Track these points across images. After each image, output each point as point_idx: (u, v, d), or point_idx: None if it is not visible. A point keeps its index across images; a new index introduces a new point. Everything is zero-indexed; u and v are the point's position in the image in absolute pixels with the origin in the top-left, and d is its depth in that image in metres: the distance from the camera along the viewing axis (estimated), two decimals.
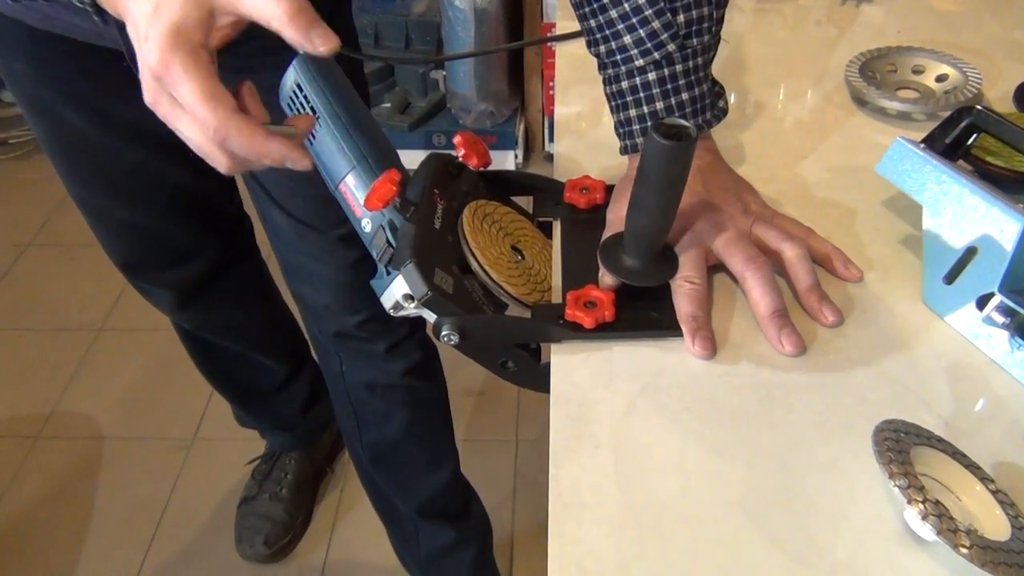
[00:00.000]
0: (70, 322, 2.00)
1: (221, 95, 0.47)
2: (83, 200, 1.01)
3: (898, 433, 0.48)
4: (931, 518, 0.43)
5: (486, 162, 0.68)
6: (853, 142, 0.80)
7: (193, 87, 0.46)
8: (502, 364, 0.62)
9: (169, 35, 0.45)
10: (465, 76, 2.21)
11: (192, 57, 0.46)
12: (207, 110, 0.46)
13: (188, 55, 0.46)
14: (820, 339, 0.59)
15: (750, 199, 0.67)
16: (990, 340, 0.58)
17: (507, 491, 1.61)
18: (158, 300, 1.18)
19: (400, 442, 1.21)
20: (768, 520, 0.49)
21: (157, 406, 1.80)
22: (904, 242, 0.68)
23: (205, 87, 0.46)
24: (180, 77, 0.46)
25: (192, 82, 0.46)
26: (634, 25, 0.63)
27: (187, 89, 0.46)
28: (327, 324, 1.10)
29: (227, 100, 0.47)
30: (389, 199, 0.58)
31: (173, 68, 0.46)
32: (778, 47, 0.97)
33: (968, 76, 0.83)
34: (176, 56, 0.46)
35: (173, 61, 0.46)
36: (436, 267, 0.58)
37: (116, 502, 1.62)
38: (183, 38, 0.46)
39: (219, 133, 0.47)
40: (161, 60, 0.46)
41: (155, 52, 0.46)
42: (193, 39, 0.46)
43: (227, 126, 0.47)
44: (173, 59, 0.46)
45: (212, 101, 0.46)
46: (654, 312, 0.61)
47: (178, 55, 0.46)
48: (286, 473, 1.57)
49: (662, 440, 0.53)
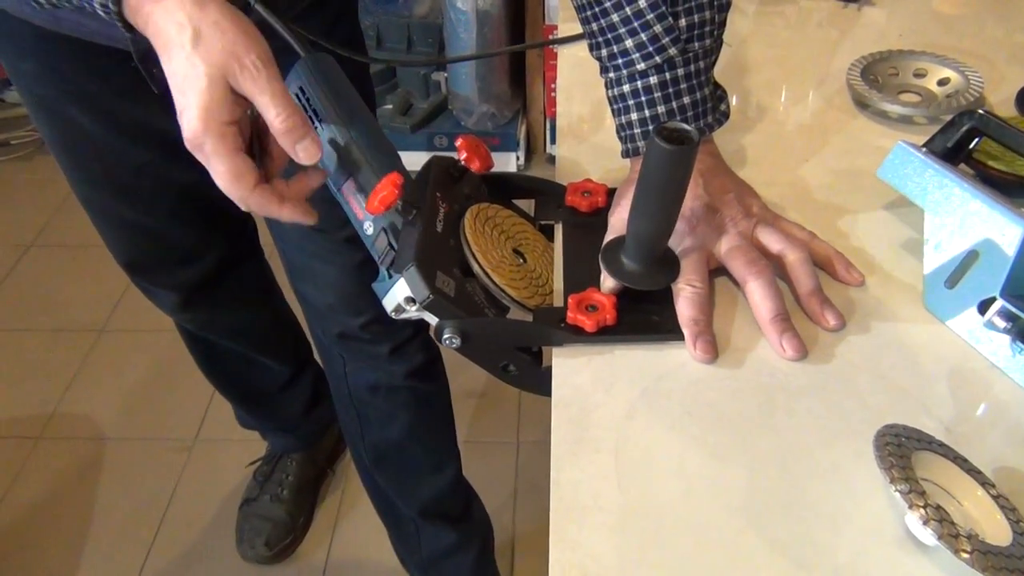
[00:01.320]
0: (72, 323, 2.00)
1: (244, 175, 0.55)
2: (89, 200, 1.01)
3: (899, 438, 0.48)
4: (932, 523, 0.43)
5: (488, 165, 0.68)
6: (855, 145, 0.80)
7: (221, 168, 0.54)
8: (504, 367, 0.62)
9: (202, 114, 0.52)
10: (467, 78, 2.21)
11: (221, 140, 0.53)
12: (233, 187, 0.55)
13: (218, 138, 0.53)
14: (821, 343, 0.59)
15: (752, 202, 0.67)
16: (991, 344, 0.58)
17: (508, 493, 1.61)
18: (161, 300, 1.18)
19: (402, 443, 1.22)
20: (769, 524, 0.49)
21: (159, 407, 1.80)
22: (905, 246, 0.68)
23: (231, 167, 0.54)
24: (211, 155, 0.53)
25: (220, 163, 0.54)
26: (636, 29, 0.63)
27: (216, 167, 0.54)
28: (331, 325, 1.10)
29: (250, 177, 0.55)
30: (391, 202, 0.58)
31: (205, 147, 0.53)
32: (780, 50, 0.97)
33: (970, 80, 0.83)
34: (208, 138, 0.52)
35: (205, 141, 0.53)
36: (438, 270, 0.58)
37: (117, 503, 1.62)
38: (213, 121, 0.52)
39: (243, 203, 0.56)
40: (195, 137, 0.53)
41: (190, 129, 0.52)
42: (221, 119, 0.52)
43: (248, 200, 0.56)
44: (205, 139, 0.52)
45: (238, 180, 0.54)
46: (655, 316, 0.61)
47: (209, 137, 0.52)
48: (287, 474, 1.57)
49: (663, 444, 0.53)
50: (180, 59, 0.52)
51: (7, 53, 0.85)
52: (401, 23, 2.27)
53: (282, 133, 0.54)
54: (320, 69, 0.67)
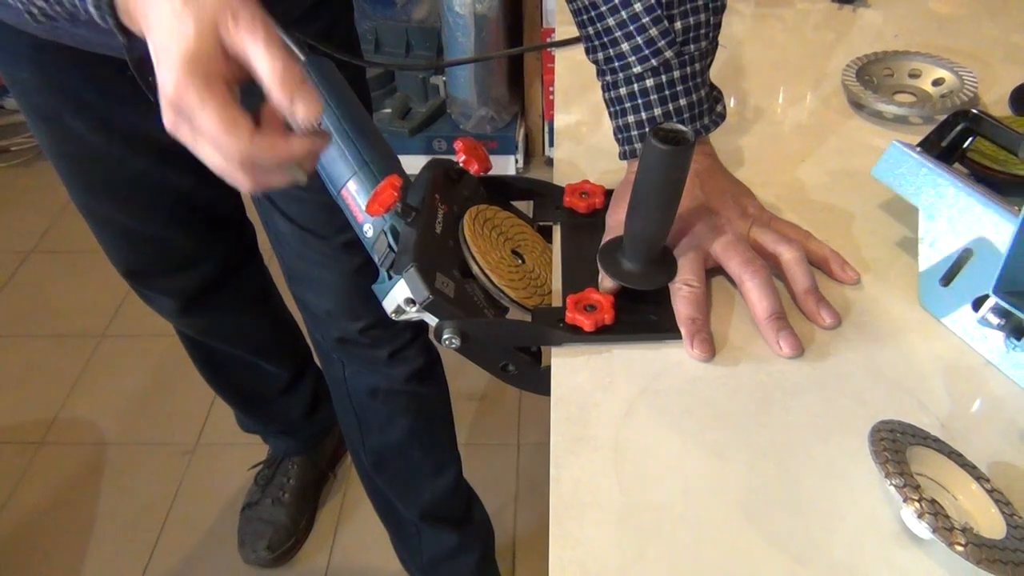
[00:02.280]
0: (73, 328, 2.00)
1: (240, 121, 0.47)
2: (87, 207, 1.02)
3: (894, 433, 0.49)
4: (927, 516, 0.44)
5: (487, 167, 0.69)
6: (850, 146, 0.80)
7: (211, 115, 0.46)
8: (503, 367, 0.62)
9: (184, 63, 0.46)
10: (465, 81, 2.22)
11: (207, 86, 0.46)
12: (229, 138, 0.47)
13: (203, 84, 0.46)
14: (818, 341, 0.60)
15: (748, 202, 0.67)
16: (986, 341, 0.58)
17: (509, 495, 1.61)
18: (161, 306, 1.19)
19: (403, 447, 1.22)
20: (767, 520, 0.49)
21: (160, 412, 1.80)
22: (901, 244, 0.68)
23: (223, 115, 0.46)
24: (197, 106, 0.46)
25: (209, 111, 0.46)
26: (631, 32, 0.64)
27: (205, 118, 0.46)
28: (330, 330, 1.10)
29: (246, 124, 0.47)
30: (391, 204, 0.59)
31: (189, 96, 0.46)
32: (776, 52, 0.98)
33: (964, 80, 0.84)
34: (192, 84, 0.46)
35: (188, 90, 0.46)
36: (437, 271, 0.58)
37: (119, 507, 1.62)
38: (198, 67, 0.46)
39: (247, 158, 0.48)
40: (176, 88, 0.46)
41: (171, 80, 0.46)
42: (209, 69, 0.46)
43: (252, 151, 0.48)
44: (188, 88, 0.46)
45: (233, 129, 0.47)
46: (653, 315, 0.61)
47: (193, 83, 0.46)
48: (289, 478, 1.57)
49: (662, 442, 0.54)
50: (166, 16, 0.46)
51: (4, 62, 0.86)
52: (399, 27, 2.28)
53: (279, 85, 0.47)
54: (320, 72, 0.68)
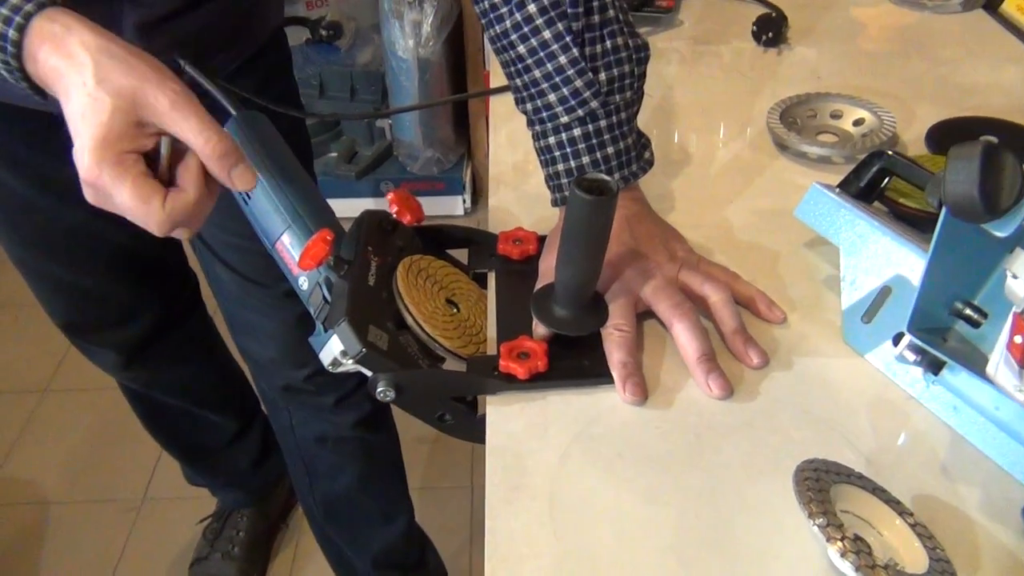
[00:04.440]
0: (13, 384, 1.95)
1: (153, 196, 0.50)
2: (22, 261, 1.00)
3: (818, 472, 0.50)
4: (850, 555, 0.45)
5: (419, 218, 0.70)
6: (776, 186, 0.83)
7: (125, 194, 0.49)
8: (439, 417, 0.63)
9: (96, 147, 0.49)
10: (411, 124, 2.24)
11: (119, 166, 0.49)
12: (145, 213, 0.50)
13: (115, 165, 0.49)
14: (747, 381, 0.61)
15: (676, 246, 0.69)
16: (908, 376, 0.60)
17: (464, 538, 1.60)
18: (102, 360, 1.16)
19: (353, 495, 1.21)
20: (699, 563, 0.50)
21: (104, 467, 1.76)
22: (825, 282, 0.70)
23: (136, 193, 0.49)
24: (111, 185, 0.49)
25: (123, 191, 0.49)
26: (558, 84, 0.66)
27: (120, 197, 0.50)
28: (275, 378, 1.09)
29: (158, 194, 0.50)
30: (322, 258, 0.59)
31: (103, 179, 0.49)
32: (706, 94, 1.00)
33: (883, 120, 0.87)
34: (104, 167, 0.49)
35: (102, 172, 0.49)
36: (370, 324, 0.59)
37: (63, 568, 1.57)
38: (110, 150, 0.49)
39: (165, 223, 0.51)
40: (90, 171, 0.49)
41: (83, 163, 0.49)
42: (121, 148, 0.49)
43: (171, 217, 0.51)
44: (101, 171, 0.49)
45: (147, 202, 0.50)
46: (586, 360, 0.62)
47: (106, 166, 0.49)
48: (238, 531, 1.54)
49: (596, 488, 0.54)
50: (80, 96, 0.49)
51: None
52: (344, 72, 2.29)
53: (215, 159, 0.51)
54: (252, 126, 0.68)
